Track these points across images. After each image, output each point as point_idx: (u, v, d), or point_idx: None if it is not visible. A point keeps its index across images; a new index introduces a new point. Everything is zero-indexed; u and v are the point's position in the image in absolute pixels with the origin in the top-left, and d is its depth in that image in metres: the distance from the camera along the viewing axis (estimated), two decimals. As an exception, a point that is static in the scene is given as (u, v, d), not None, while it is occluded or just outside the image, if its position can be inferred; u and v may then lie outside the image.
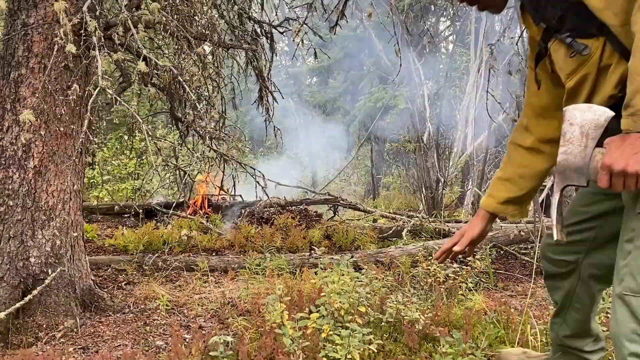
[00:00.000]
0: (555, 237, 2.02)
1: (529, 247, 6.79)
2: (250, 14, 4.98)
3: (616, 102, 1.91)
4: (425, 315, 3.84)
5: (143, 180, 9.19)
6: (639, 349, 1.78)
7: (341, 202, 8.17)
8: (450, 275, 5.21)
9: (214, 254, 6.28)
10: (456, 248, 2.43)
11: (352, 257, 5.68)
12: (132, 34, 3.04)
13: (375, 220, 7.84)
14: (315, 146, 17.71)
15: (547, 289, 2.77)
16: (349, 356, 2.96)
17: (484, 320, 3.94)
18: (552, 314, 2.76)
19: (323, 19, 5.04)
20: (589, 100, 2.04)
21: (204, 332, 3.99)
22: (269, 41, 5.02)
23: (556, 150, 2.06)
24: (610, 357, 3.10)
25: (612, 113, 1.83)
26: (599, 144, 1.83)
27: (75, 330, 3.93)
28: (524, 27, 2.57)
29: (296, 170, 16.59)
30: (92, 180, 10.77)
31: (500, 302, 4.40)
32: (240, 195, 8.58)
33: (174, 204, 7.44)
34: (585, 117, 1.84)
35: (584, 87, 2.07)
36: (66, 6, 3.83)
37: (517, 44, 6.36)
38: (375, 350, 3.16)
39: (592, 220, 2.36)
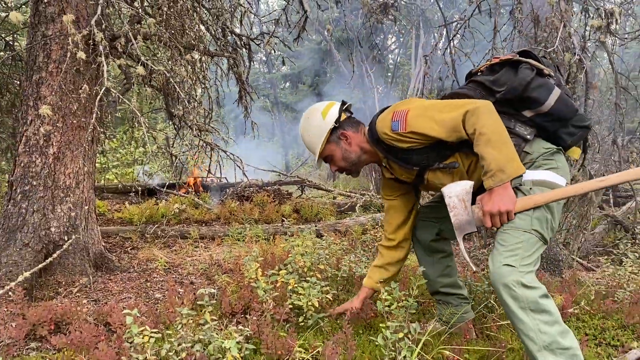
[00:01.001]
0: (474, 268, 2.49)
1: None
2: (232, 28, 4.97)
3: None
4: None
5: (143, 165, 9.15)
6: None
7: (307, 183, 8.21)
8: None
9: (203, 225, 6.30)
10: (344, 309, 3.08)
11: (315, 226, 5.76)
12: (133, 44, 3.03)
13: (334, 198, 7.87)
14: (288, 138, 17.69)
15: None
16: (309, 303, 3.02)
17: (417, 273, 4.03)
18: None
19: (289, 33, 5.07)
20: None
21: (194, 286, 4.05)
22: (247, 51, 5.02)
23: (408, 246, 3.03)
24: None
25: (472, 182, 2.35)
26: (472, 203, 2.32)
27: (88, 286, 3.95)
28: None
29: (272, 157, 16.62)
30: (103, 165, 10.66)
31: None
32: (226, 178, 8.58)
33: (167, 184, 7.39)
34: (457, 189, 2.33)
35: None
36: (78, 19, 3.84)
37: (443, 55, 6.49)
38: (331, 299, 3.21)
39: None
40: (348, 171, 2.82)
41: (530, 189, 2.31)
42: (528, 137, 2.44)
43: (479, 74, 2.68)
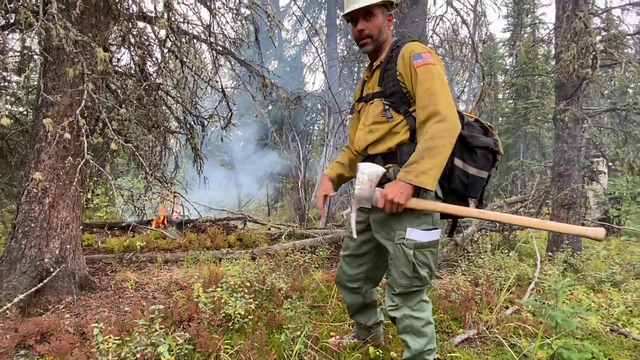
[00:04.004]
0: (354, 236, 2.11)
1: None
2: (190, 110, 5.03)
3: (389, 153, 2.06)
4: (287, 285, 4.00)
5: (121, 208, 8.88)
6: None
7: (249, 218, 8.21)
8: (306, 260, 5.40)
9: (168, 252, 6.13)
10: (325, 194, 2.34)
11: (252, 251, 5.76)
12: (108, 127, 3.05)
13: (269, 229, 7.87)
14: (240, 182, 17.63)
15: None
16: (237, 311, 3.05)
17: (321, 285, 4.11)
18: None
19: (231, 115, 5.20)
20: (376, 142, 2.10)
21: (156, 300, 3.95)
22: (201, 127, 5.07)
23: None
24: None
25: (384, 170, 2.00)
26: (379, 185, 1.99)
27: (73, 303, 3.78)
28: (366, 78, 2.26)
29: (227, 197, 16.48)
30: (97, 205, 10.21)
31: (330, 275, 4.63)
32: (188, 215, 8.38)
33: (142, 221, 7.17)
34: (371, 170, 1.97)
35: (379, 137, 2.09)
36: (72, 104, 3.79)
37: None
38: (254, 307, 3.26)
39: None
40: (366, 41, 2.11)
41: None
42: None
43: None
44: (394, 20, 4.34)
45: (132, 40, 4.13)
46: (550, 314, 2.64)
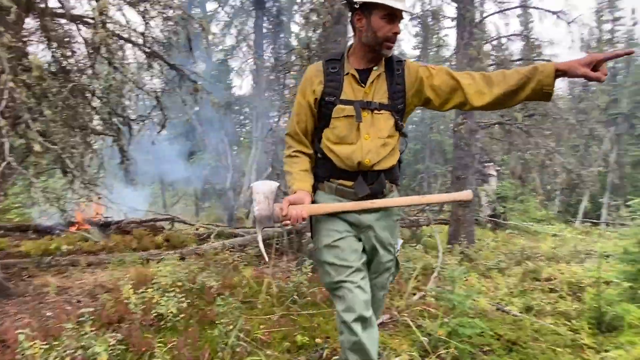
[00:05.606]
0: (267, 260, 2.05)
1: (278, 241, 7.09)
2: (117, 111, 4.78)
3: (389, 170, 1.79)
4: (218, 282, 3.98)
5: (40, 210, 8.06)
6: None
7: (176, 219, 7.94)
8: (236, 259, 5.38)
9: (91, 254, 5.73)
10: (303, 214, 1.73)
11: (181, 252, 5.60)
12: (30, 128, 2.83)
13: (197, 229, 7.65)
14: (165, 182, 16.85)
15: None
16: (169, 310, 3.00)
17: (251, 282, 4.11)
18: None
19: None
20: (386, 157, 1.77)
21: (81, 304, 3.72)
22: (128, 128, 4.84)
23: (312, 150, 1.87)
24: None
25: (277, 184, 1.78)
26: (277, 201, 1.77)
27: (-14, 311, 3.43)
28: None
29: (152, 197, 15.69)
30: (6, 207, 9.14)
31: (260, 272, 4.69)
32: (112, 217, 7.87)
33: (61, 223, 6.62)
34: (264, 188, 1.76)
35: (390, 151, 1.79)
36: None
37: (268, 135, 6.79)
38: (186, 305, 3.22)
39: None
40: (394, 45, 1.70)
41: None
42: None
43: None
44: (321, 37, 4.52)
45: (53, 37, 3.83)
46: (449, 297, 2.97)
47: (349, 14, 1.76)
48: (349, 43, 1.81)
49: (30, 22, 3.68)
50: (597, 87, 15.41)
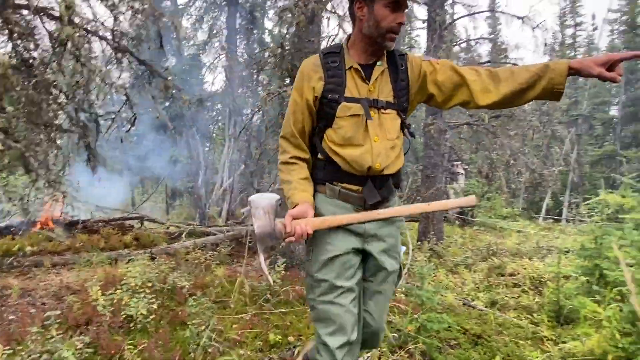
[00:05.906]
0: (270, 282, 1.88)
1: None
2: (84, 107, 4.62)
3: (395, 174, 1.64)
4: (190, 282, 3.93)
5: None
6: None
7: (146, 218, 7.75)
8: (207, 258, 5.32)
9: (56, 255, 5.51)
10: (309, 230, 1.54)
11: (150, 251, 5.48)
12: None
13: (168, 228, 7.47)
14: (134, 180, 16.37)
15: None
16: (140, 311, 2.95)
17: (223, 281, 4.09)
18: None
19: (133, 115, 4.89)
20: (395, 160, 1.62)
21: (45, 306, 3.60)
22: (96, 125, 4.69)
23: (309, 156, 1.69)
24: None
25: (278, 197, 1.57)
26: (279, 216, 1.55)
27: (-59, 316, 3.26)
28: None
29: (122, 194, 15.20)
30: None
31: (232, 271, 4.67)
32: (78, 216, 7.58)
33: (23, 222, 6.34)
34: (264, 202, 1.53)
35: (398, 153, 1.65)
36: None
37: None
38: (156, 306, 3.17)
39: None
40: (397, 36, 1.54)
41: None
42: None
43: None
44: (295, 37, 4.52)
45: (17, 30, 3.67)
46: (417, 293, 3.06)
47: (348, 2, 1.59)
48: (323, 44, 1.71)
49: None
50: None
